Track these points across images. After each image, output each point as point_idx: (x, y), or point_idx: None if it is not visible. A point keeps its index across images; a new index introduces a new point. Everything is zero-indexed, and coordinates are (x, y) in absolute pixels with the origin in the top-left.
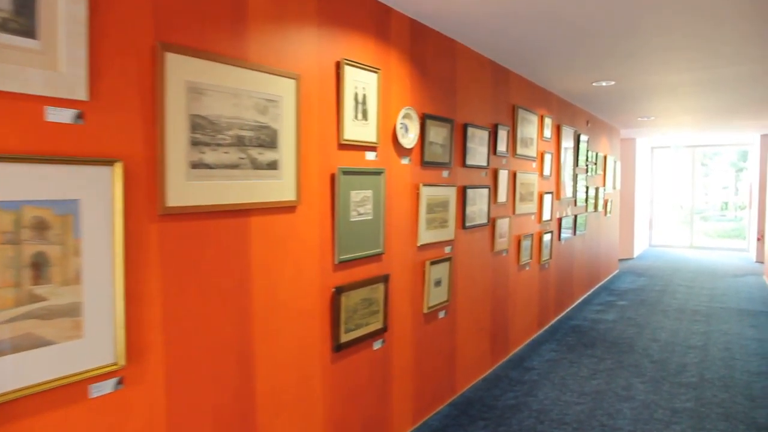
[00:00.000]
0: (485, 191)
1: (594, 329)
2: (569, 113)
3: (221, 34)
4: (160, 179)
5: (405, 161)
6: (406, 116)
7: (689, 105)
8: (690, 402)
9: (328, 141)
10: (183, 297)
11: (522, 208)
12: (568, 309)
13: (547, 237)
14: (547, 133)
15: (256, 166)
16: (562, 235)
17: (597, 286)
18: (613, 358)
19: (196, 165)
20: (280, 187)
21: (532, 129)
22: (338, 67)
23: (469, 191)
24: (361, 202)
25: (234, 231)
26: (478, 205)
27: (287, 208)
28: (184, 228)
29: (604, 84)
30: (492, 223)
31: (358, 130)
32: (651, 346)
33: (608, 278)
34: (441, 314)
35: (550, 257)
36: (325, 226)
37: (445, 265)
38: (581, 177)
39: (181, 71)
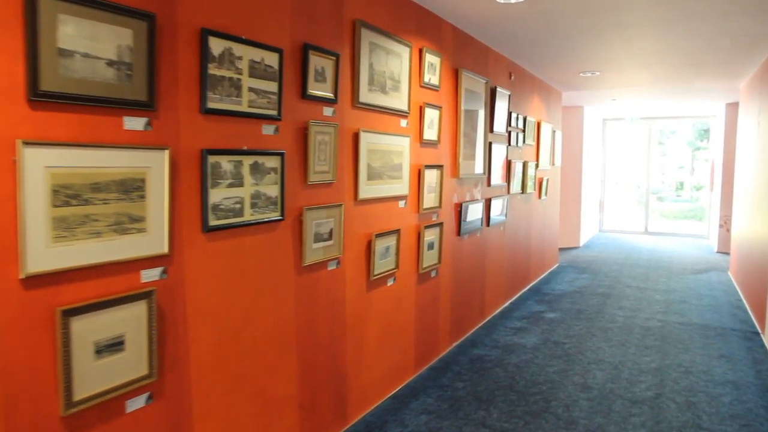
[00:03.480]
0: (273, 161)
1: (502, 365)
2: (477, 56)
3: None
4: None
5: None
6: None
7: (643, 54)
8: None
9: None
10: None
11: (374, 189)
12: (475, 328)
13: (432, 233)
14: (432, 77)
15: None
16: (465, 228)
17: (525, 289)
18: (515, 428)
19: None
20: None
21: (398, 67)
22: None
23: (215, 161)
24: None
25: None
26: (253, 187)
27: None
28: None
29: (513, 0)
30: (296, 217)
31: None
32: (578, 400)
33: (543, 276)
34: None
35: (440, 262)
36: None
37: (132, 311)
38: (499, 147)
39: None
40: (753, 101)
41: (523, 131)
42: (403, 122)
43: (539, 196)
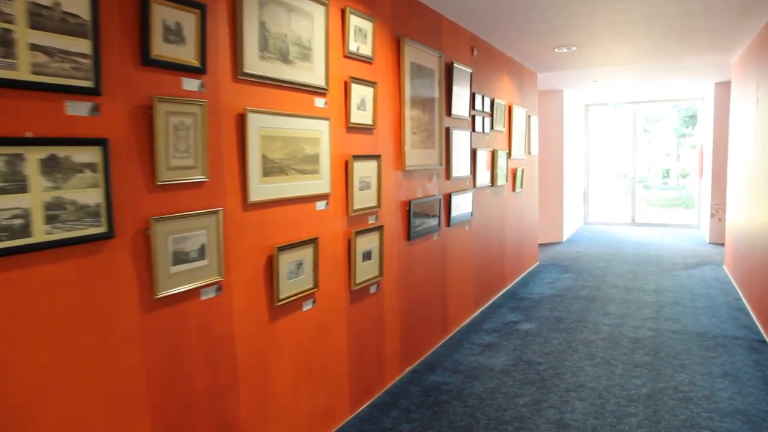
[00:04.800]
0: (88, 154)
1: (461, 396)
2: (427, 25)
3: None
4: None
5: None
6: None
7: (624, 23)
8: None
9: None
10: None
11: (275, 189)
12: (435, 348)
13: (368, 240)
14: (363, 46)
15: None
16: (417, 230)
17: (499, 295)
18: None
19: None
20: None
21: (308, 30)
22: None
23: None
24: None
25: None
26: (50, 192)
27: None
28: None
29: None
30: (139, 232)
31: None
32: None
33: (520, 278)
34: None
35: (381, 274)
36: None
37: None
38: (460, 134)
39: None
40: (749, 77)
41: (491, 116)
42: (319, 101)
43: (513, 189)
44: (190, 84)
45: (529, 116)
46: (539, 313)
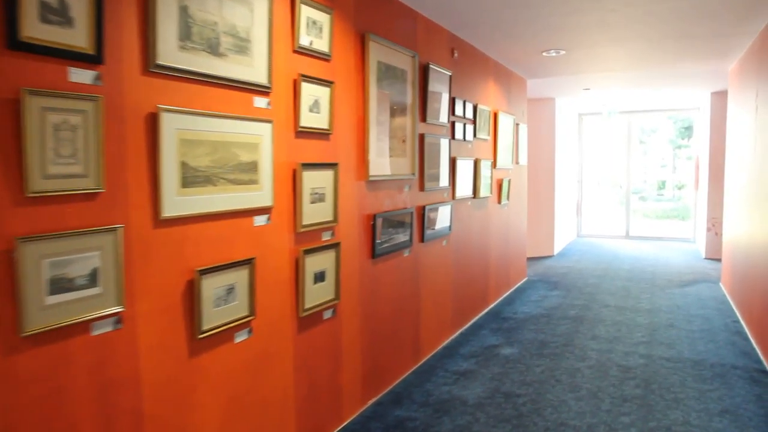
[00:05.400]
0: None
1: None
2: (397, 21)
3: None
4: None
5: None
6: None
7: (617, 25)
8: None
9: None
10: None
11: (198, 202)
12: (405, 375)
13: (321, 259)
14: (317, 41)
15: None
16: (385, 246)
17: (482, 314)
18: None
19: None
20: None
21: (247, 19)
22: None
23: None
24: None
25: None
26: None
27: None
28: None
29: None
30: (2, 255)
31: None
32: None
33: (506, 295)
34: None
35: (337, 297)
36: None
37: None
38: (437, 141)
39: None
40: (746, 84)
41: (474, 123)
42: (260, 101)
43: (498, 201)
44: (81, 75)
45: (518, 124)
46: (522, 336)
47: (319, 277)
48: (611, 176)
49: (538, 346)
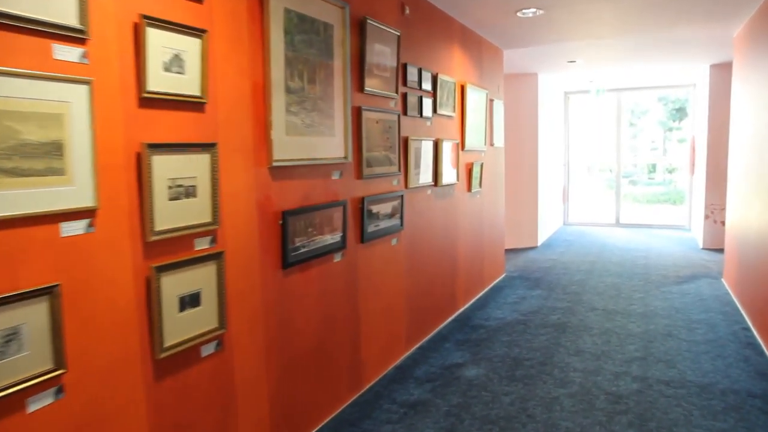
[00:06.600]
0: None
1: None
2: None
3: None
4: None
5: None
6: None
7: None
8: None
9: None
10: None
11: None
12: (336, 413)
13: (192, 277)
14: None
15: None
16: (301, 252)
17: (448, 321)
18: None
19: None
20: None
21: None
22: None
23: None
24: None
25: None
26: None
27: None
28: None
29: None
30: None
31: None
32: None
33: (479, 296)
34: None
35: (223, 327)
36: None
37: None
38: (380, 117)
39: None
40: (757, 52)
41: (434, 96)
42: (67, 51)
43: (468, 189)
44: None
45: (492, 100)
46: (492, 351)
47: (190, 301)
48: (600, 159)
49: (510, 366)
